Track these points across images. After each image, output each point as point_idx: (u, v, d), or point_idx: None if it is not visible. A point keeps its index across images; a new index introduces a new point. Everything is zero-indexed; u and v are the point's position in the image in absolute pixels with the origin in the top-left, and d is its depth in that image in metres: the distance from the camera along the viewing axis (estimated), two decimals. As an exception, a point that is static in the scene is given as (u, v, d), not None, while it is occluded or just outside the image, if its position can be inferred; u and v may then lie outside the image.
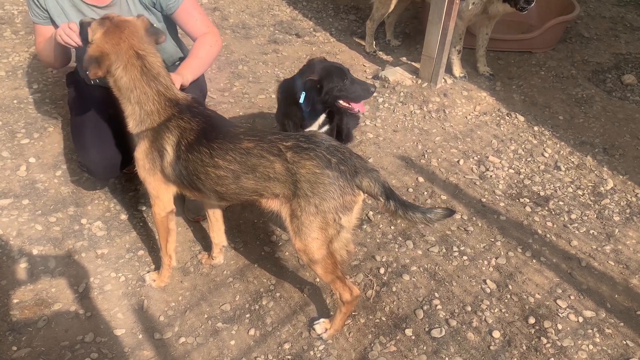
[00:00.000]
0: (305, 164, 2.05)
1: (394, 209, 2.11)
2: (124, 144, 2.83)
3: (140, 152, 2.30)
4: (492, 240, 3.04)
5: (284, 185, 2.11)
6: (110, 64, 2.17)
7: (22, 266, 2.71)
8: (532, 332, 2.53)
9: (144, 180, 2.37)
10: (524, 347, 2.46)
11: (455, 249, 2.96)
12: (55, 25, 2.63)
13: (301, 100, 2.73)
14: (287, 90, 2.95)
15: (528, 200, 3.34)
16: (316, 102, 2.78)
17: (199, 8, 2.77)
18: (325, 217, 2.08)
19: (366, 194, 2.15)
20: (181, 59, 2.97)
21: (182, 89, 2.49)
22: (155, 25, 2.65)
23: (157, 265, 2.77)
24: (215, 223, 2.72)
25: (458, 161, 3.67)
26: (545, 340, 2.48)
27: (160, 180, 2.32)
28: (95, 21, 2.23)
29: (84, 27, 2.26)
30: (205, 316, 2.54)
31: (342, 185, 2.06)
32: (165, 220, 2.48)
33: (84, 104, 2.86)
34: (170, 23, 2.87)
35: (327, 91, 2.76)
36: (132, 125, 2.28)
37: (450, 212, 2.21)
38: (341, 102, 2.86)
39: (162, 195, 2.39)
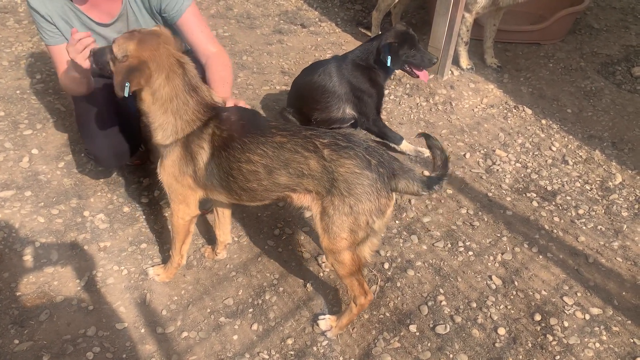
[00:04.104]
0: (345, 162, 2.00)
1: (441, 189, 2.17)
2: (129, 132, 2.81)
3: (171, 160, 2.21)
4: (498, 235, 3.00)
5: (319, 183, 2.06)
6: (150, 74, 2.04)
7: (24, 258, 2.69)
8: (538, 329, 2.50)
9: (170, 187, 2.29)
10: (530, 345, 2.43)
11: (460, 244, 2.93)
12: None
13: (388, 62, 3.17)
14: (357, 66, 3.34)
15: (535, 195, 3.30)
16: (396, 62, 3.21)
17: (203, 21, 2.70)
18: (357, 218, 2.04)
19: (405, 194, 2.11)
20: None
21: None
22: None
23: (160, 258, 2.76)
24: (223, 221, 2.69)
25: (464, 154, 3.63)
26: (551, 338, 2.46)
27: (188, 185, 2.26)
28: (119, 38, 2.09)
29: (97, 55, 2.17)
30: (208, 310, 2.53)
31: (379, 187, 2.02)
32: (188, 224, 2.44)
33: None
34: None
35: (400, 54, 3.22)
36: (163, 136, 2.18)
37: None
38: (407, 67, 3.35)
39: (188, 200, 2.33)
